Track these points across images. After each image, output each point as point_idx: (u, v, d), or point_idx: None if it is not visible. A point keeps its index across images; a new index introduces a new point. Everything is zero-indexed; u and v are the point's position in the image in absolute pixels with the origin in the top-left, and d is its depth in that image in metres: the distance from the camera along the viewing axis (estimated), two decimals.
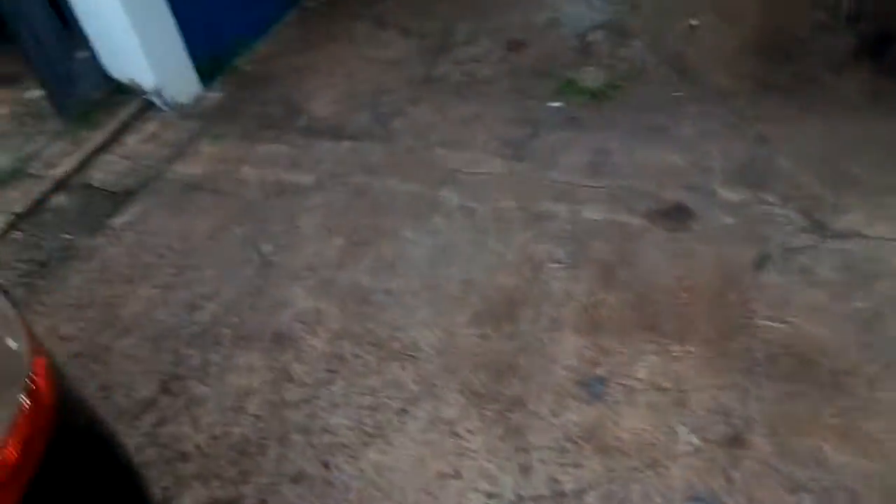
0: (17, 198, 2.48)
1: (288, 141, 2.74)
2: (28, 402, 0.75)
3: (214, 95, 3.04)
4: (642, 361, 1.81)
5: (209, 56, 3.08)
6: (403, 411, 1.78)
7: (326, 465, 1.70)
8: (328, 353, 1.94)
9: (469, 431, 1.73)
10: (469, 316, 1.98)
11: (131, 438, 1.81)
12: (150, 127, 2.84)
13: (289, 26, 3.44)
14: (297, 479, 1.69)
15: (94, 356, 2.05)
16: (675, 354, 1.81)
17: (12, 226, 2.40)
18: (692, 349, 1.82)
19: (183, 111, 2.92)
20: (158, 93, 2.87)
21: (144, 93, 2.88)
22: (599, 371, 1.80)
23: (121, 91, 2.88)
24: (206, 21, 3.01)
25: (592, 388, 1.76)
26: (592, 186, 2.36)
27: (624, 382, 1.77)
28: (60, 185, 2.55)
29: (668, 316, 1.91)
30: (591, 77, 2.87)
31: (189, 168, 2.67)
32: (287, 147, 2.71)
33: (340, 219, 2.36)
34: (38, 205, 2.48)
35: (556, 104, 2.77)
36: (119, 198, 2.56)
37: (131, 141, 2.77)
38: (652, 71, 2.92)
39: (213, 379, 1.93)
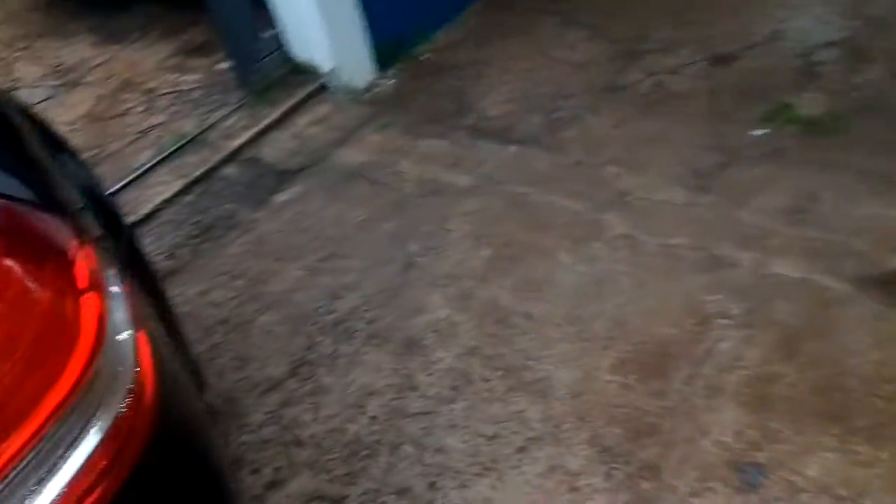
0: (195, 164, 2.70)
1: (452, 138, 2.72)
2: (128, 406, 0.75)
3: (388, 83, 3.10)
4: (816, 457, 1.55)
5: (389, 42, 3.14)
6: (523, 449, 1.69)
7: (433, 486, 1.66)
8: (456, 369, 1.89)
9: (591, 489, 1.60)
10: (613, 360, 1.84)
11: (255, 414, 1.90)
12: (322, 109, 2.96)
13: (472, 17, 3.41)
14: (402, 493, 1.66)
15: (237, 326, 2.17)
16: (860, 457, 1.54)
17: (186, 189, 2.61)
18: (884, 456, 1.53)
19: (355, 96, 3.01)
20: (334, 76, 2.98)
21: (321, 75, 3.00)
22: (760, 457, 1.58)
23: (299, 71, 3.02)
24: (390, 7, 3.07)
25: (748, 475, 1.55)
26: (790, 236, 2.07)
27: (789, 478, 1.53)
28: (233, 157, 2.73)
29: (860, 409, 1.63)
30: (810, 104, 2.52)
31: (352, 155, 2.74)
32: (450, 144, 2.69)
33: (492, 228, 2.29)
34: (212, 172, 2.67)
35: (761, 132, 2.47)
36: (284, 176, 2.69)
37: (302, 121, 2.90)
38: (891, 105, 2.48)
39: (340, 371, 1.97)
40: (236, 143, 2.76)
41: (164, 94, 3.13)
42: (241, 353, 2.08)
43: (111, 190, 2.60)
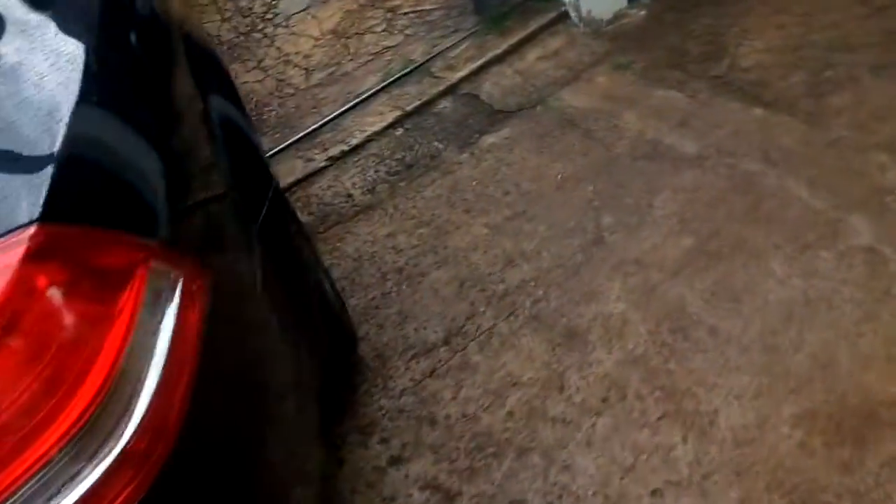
0: (412, 95, 2.76)
1: (691, 90, 2.42)
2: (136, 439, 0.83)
3: (637, 14, 2.82)
4: None
5: None
6: (658, 493, 1.55)
7: None
8: (611, 377, 1.77)
9: None
10: (800, 410, 1.57)
11: (400, 379, 1.99)
12: (555, 43, 2.81)
13: None
14: None
15: (410, 278, 2.25)
16: None
17: (398, 122, 2.70)
18: None
19: (596, 29, 2.79)
20: (577, 3, 2.78)
21: (562, 3, 2.83)
22: None
23: None
24: None
25: None
26: None
27: None
28: (450, 90, 2.75)
29: None
30: None
31: (574, 98, 2.59)
32: (685, 98, 2.40)
33: (703, 212, 2.04)
34: (426, 106, 2.72)
35: None
36: (497, 116, 2.65)
37: (531, 56, 2.79)
38: None
39: (492, 352, 1.95)
40: (458, 75, 2.76)
41: (406, 14, 3.22)
42: (406, 308, 2.17)
43: (336, 113, 2.81)
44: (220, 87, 1.63)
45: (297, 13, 3.51)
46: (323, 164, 2.65)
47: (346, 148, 2.67)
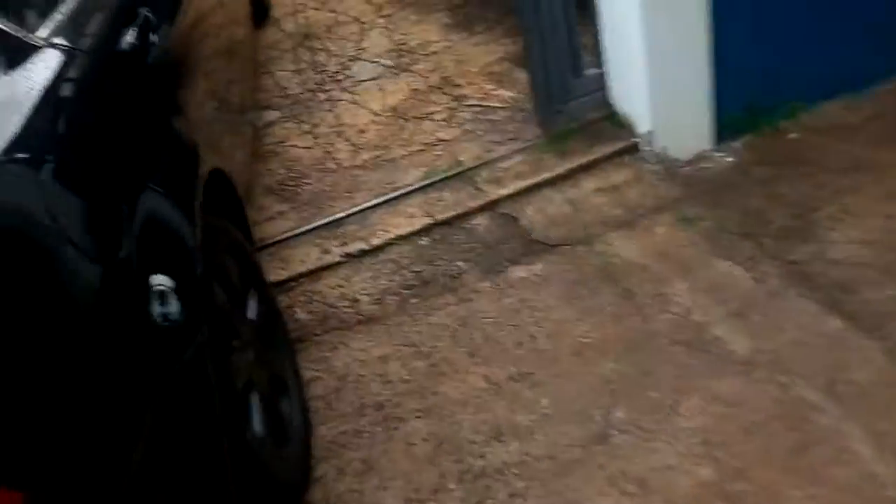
0: (448, 203, 2.50)
1: (761, 272, 2.05)
2: None
3: (721, 160, 2.47)
4: None
5: (742, 106, 2.49)
6: None
7: None
8: None
9: None
10: None
11: None
12: (618, 176, 2.49)
13: (881, 98, 2.53)
14: None
15: (387, 420, 1.95)
16: None
17: (426, 230, 2.44)
18: None
19: (669, 168, 2.46)
20: (651, 138, 2.47)
21: (635, 134, 2.52)
22: None
23: (612, 122, 2.58)
24: (757, 61, 2.40)
25: None
26: None
27: None
28: (490, 207, 2.46)
29: None
30: None
31: (624, 247, 2.26)
32: (752, 281, 2.03)
33: (735, 438, 1.66)
34: (459, 219, 2.45)
35: None
36: (533, 247, 2.34)
37: (588, 186, 2.48)
38: None
39: None
40: (501, 191, 2.48)
41: (471, 106, 2.97)
42: (373, 457, 1.87)
43: (366, 205, 2.58)
44: None
45: (366, 80, 3.32)
46: (338, 259, 2.41)
47: (365, 247, 2.42)
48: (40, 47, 1.38)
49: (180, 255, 1.42)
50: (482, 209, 2.49)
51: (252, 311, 1.86)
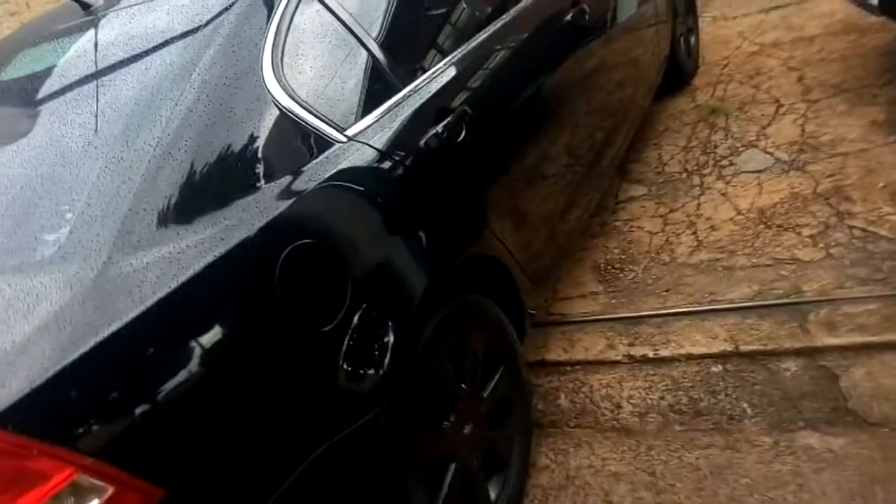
0: (760, 334, 2.18)
1: None
2: None
3: None
4: None
5: None
6: None
7: None
8: None
9: None
10: None
11: None
12: None
13: None
14: None
15: None
16: None
17: (722, 357, 2.19)
18: None
19: None
20: None
21: None
22: None
23: None
24: None
25: None
26: None
27: None
28: (809, 353, 2.09)
29: None
30: None
31: None
32: None
33: None
34: (765, 356, 2.13)
35: None
36: (843, 418, 1.93)
37: None
38: None
39: None
40: (831, 341, 2.08)
41: (852, 227, 2.52)
42: None
43: (673, 311, 2.43)
44: None
45: (749, 172, 3.06)
46: (620, 358, 2.33)
47: (650, 354, 2.29)
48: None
49: (400, 318, 1.62)
50: (799, 353, 2.13)
51: (488, 389, 1.97)
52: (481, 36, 2.23)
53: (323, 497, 1.47)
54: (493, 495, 1.95)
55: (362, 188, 1.67)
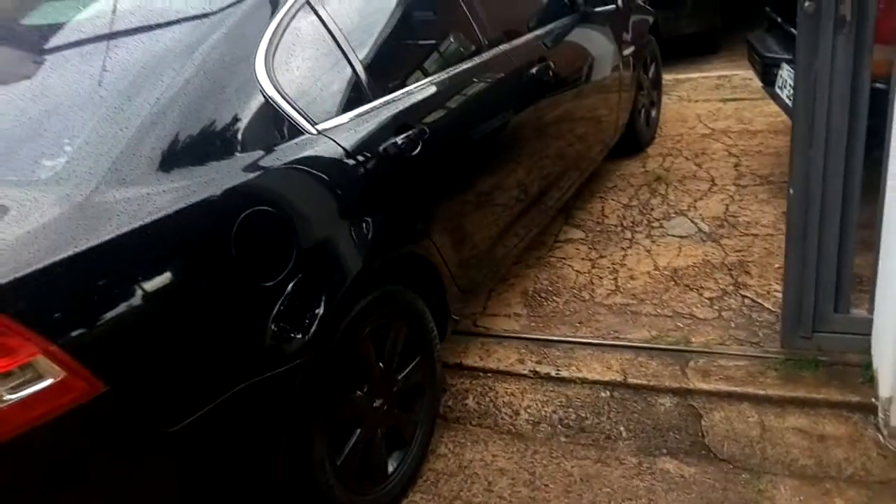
0: (648, 372, 2.48)
1: None
2: None
3: None
4: None
5: None
6: None
7: None
8: None
9: None
10: None
11: None
12: (832, 429, 2.17)
13: None
14: None
15: None
16: None
17: (612, 385, 2.47)
18: None
19: None
20: (890, 406, 2.10)
21: (870, 397, 2.17)
22: None
23: (862, 371, 2.25)
24: None
25: None
26: None
27: None
28: (682, 393, 2.39)
29: None
30: None
31: (788, 498, 2.00)
32: None
33: None
34: (647, 390, 2.42)
35: None
36: (697, 451, 2.22)
37: (792, 421, 2.22)
38: None
39: None
40: (702, 385, 2.37)
41: (744, 297, 2.82)
42: None
43: (580, 340, 2.72)
44: None
45: (674, 236, 3.39)
46: (526, 372, 2.60)
47: (553, 374, 2.56)
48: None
49: (331, 290, 1.86)
50: (674, 392, 2.42)
51: (403, 373, 2.21)
52: (453, 70, 2.53)
53: (238, 426, 1.68)
54: (390, 468, 2.19)
55: (321, 175, 1.92)
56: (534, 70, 2.95)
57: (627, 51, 4.14)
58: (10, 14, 2.32)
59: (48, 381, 1.34)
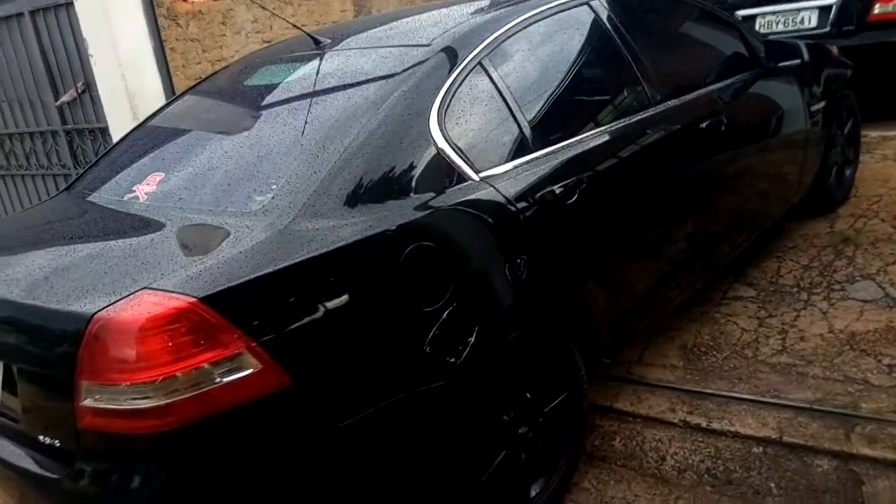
0: (808, 433, 2.45)
1: None
2: None
3: None
4: None
5: None
6: None
7: None
8: None
9: None
10: None
11: None
12: None
13: None
14: None
15: None
16: None
17: (766, 442, 2.47)
18: None
19: None
20: None
21: None
22: None
23: None
24: None
25: None
26: None
27: None
28: (845, 457, 2.33)
29: None
30: None
31: None
32: None
33: None
34: (804, 450, 2.39)
35: None
36: None
37: None
38: None
39: None
40: (868, 451, 2.30)
41: None
42: None
43: (735, 395, 2.72)
44: None
45: (856, 300, 3.26)
46: (676, 421, 2.66)
47: (704, 424, 2.60)
48: None
49: (483, 321, 2.11)
50: (835, 455, 2.37)
51: (549, 405, 2.39)
52: (618, 124, 2.73)
53: (395, 430, 1.97)
54: (532, 492, 2.37)
55: (480, 216, 2.20)
56: (704, 125, 3.06)
57: (816, 106, 4.07)
58: (236, 76, 2.89)
59: (248, 371, 1.70)
